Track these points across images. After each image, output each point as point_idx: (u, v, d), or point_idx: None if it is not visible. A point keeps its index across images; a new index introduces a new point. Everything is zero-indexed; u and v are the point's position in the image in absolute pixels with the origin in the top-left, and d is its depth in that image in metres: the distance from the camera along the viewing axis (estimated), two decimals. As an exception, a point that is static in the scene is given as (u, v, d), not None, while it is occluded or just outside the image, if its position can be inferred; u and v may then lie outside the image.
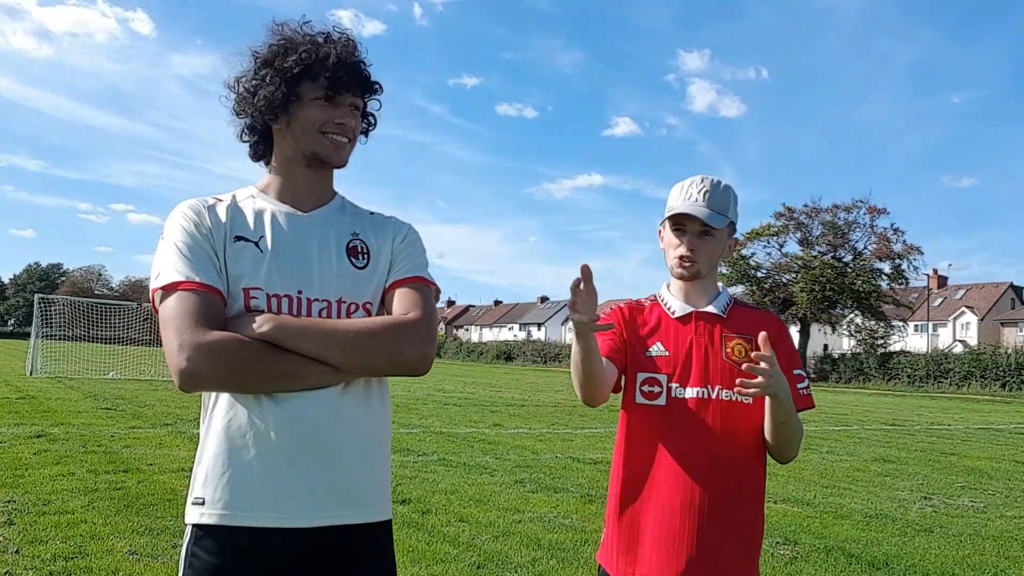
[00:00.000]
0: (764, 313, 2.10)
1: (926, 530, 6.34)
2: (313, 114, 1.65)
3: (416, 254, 1.76)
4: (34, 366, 21.43)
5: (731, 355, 1.95)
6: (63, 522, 5.23)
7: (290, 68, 1.63)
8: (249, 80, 1.68)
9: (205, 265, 1.56)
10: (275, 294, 1.59)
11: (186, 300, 1.52)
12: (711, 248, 2.00)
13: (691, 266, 1.98)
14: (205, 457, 1.58)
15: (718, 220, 1.95)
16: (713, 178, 2.00)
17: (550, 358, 63.20)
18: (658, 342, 1.98)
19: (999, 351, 41.01)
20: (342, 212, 1.76)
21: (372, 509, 1.64)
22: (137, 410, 12.80)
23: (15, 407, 12.34)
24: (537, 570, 4.75)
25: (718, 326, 1.99)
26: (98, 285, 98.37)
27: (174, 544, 4.85)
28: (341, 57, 1.64)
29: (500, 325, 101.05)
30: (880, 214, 48.35)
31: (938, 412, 22.67)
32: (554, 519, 6.06)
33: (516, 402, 18.89)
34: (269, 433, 1.54)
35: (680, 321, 2.00)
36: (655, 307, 2.06)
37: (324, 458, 1.56)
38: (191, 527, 1.58)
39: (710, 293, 2.04)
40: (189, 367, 1.47)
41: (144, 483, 6.66)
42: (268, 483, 1.54)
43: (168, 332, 1.51)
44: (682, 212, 1.95)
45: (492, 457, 9.15)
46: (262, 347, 1.51)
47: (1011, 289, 68.78)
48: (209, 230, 1.61)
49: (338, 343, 1.54)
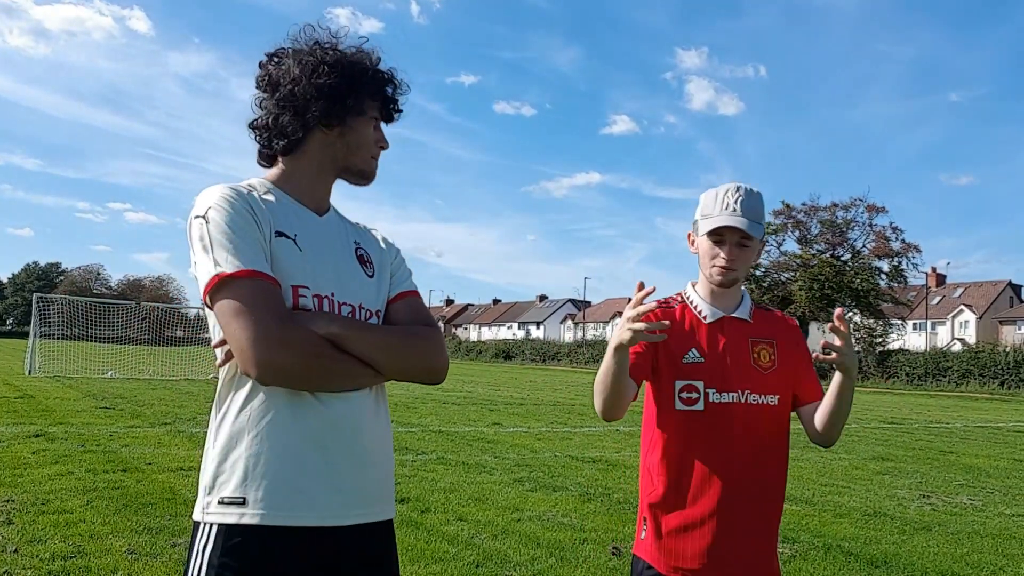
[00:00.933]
0: (784, 317, 2.18)
1: (925, 528, 6.35)
2: (370, 132, 1.70)
3: (407, 270, 1.84)
4: (33, 365, 21.41)
5: (758, 360, 2.05)
6: (62, 521, 5.23)
7: (366, 82, 1.66)
8: (314, 77, 1.61)
9: (262, 257, 1.53)
10: (318, 294, 1.59)
11: (263, 289, 1.48)
12: (748, 256, 2.07)
13: (731, 275, 2.04)
14: (241, 456, 1.52)
15: (758, 230, 2.01)
16: (746, 186, 2.06)
17: (549, 357, 63.16)
18: (693, 348, 2.04)
19: (997, 349, 41.03)
20: (341, 220, 1.79)
21: (388, 507, 1.69)
22: (136, 409, 12.80)
23: (14, 406, 12.33)
24: (536, 569, 4.76)
25: (746, 332, 2.07)
26: (96, 284, 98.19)
27: (173, 543, 4.84)
28: (397, 84, 1.72)
29: (499, 324, 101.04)
30: (879, 212, 48.37)
31: (936, 410, 22.69)
32: (553, 518, 6.06)
33: (515, 401, 18.89)
34: (314, 432, 1.54)
35: (712, 326, 2.07)
36: (685, 311, 2.11)
37: (358, 457, 1.59)
38: (219, 527, 1.51)
39: (736, 297, 2.12)
40: (272, 359, 1.45)
41: (143, 482, 6.65)
42: (310, 482, 1.53)
43: (243, 322, 1.45)
44: (724, 225, 2.00)
45: (491, 456, 9.15)
46: (331, 345, 1.53)
47: (1009, 287, 68.86)
48: (258, 221, 1.56)
49: (389, 348, 1.60)
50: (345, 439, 1.57)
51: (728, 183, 2.08)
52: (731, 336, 2.06)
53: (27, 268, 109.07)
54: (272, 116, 1.66)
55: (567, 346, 65.09)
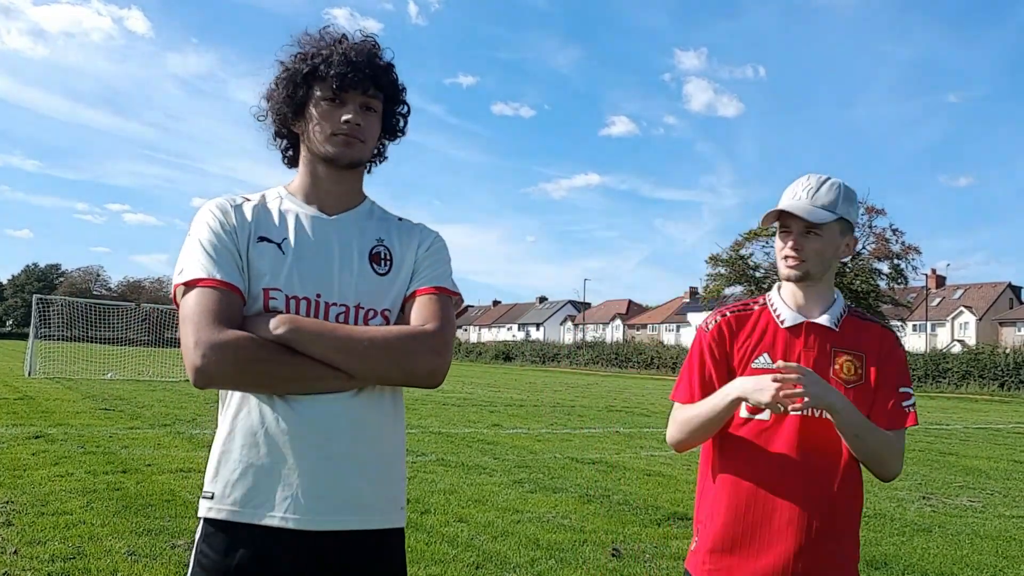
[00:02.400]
0: (879, 327, 1.98)
1: (924, 530, 6.35)
2: (321, 113, 1.65)
3: (439, 263, 1.75)
4: (32, 367, 21.39)
5: (839, 372, 1.89)
6: (61, 523, 5.22)
7: (300, 69, 1.64)
8: (279, 84, 1.69)
9: (227, 263, 1.57)
10: (294, 296, 1.59)
11: (206, 297, 1.53)
12: (818, 247, 1.90)
13: (798, 265, 1.89)
14: (217, 452, 1.59)
15: (820, 216, 1.86)
16: (822, 176, 1.93)
17: (549, 358, 63.14)
18: (765, 353, 1.91)
19: (997, 351, 41.03)
20: (369, 217, 1.75)
21: (379, 516, 1.62)
22: (135, 411, 12.79)
23: (13, 408, 12.33)
24: (536, 570, 4.75)
25: (829, 340, 1.91)
26: (96, 286, 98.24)
27: (172, 545, 4.84)
28: (349, 56, 1.62)
29: (499, 325, 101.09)
30: (878, 214, 48.34)
31: (936, 412, 22.68)
32: (553, 519, 6.06)
33: (515, 402, 18.88)
34: (278, 433, 1.54)
35: (790, 332, 1.92)
36: (764, 314, 1.98)
37: (331, 462, 1.56)
38: (201, 521, 1.59)
39: (825, 301, 1.95)
40: (203, 365, 1.48)
41: (143, 484, 6.65)
42: (275, 482, 1.54)
43: (186, 328, 1.52)
44: (781, 209, 1.89)
45: (491, 457, 9.15)
46: (276, 348, 1.51)
47: (1009, 289, 68.86)
48: (234, 228, 1.61)
49: (352, 350, 1.54)
50: (315, 442, 1.54)
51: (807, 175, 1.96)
52: (810, 344, 1.90)
53: (27, 269, 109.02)
54: (273, 130, 1.75)
55: (567, 347, 65.09)
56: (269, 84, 1.71)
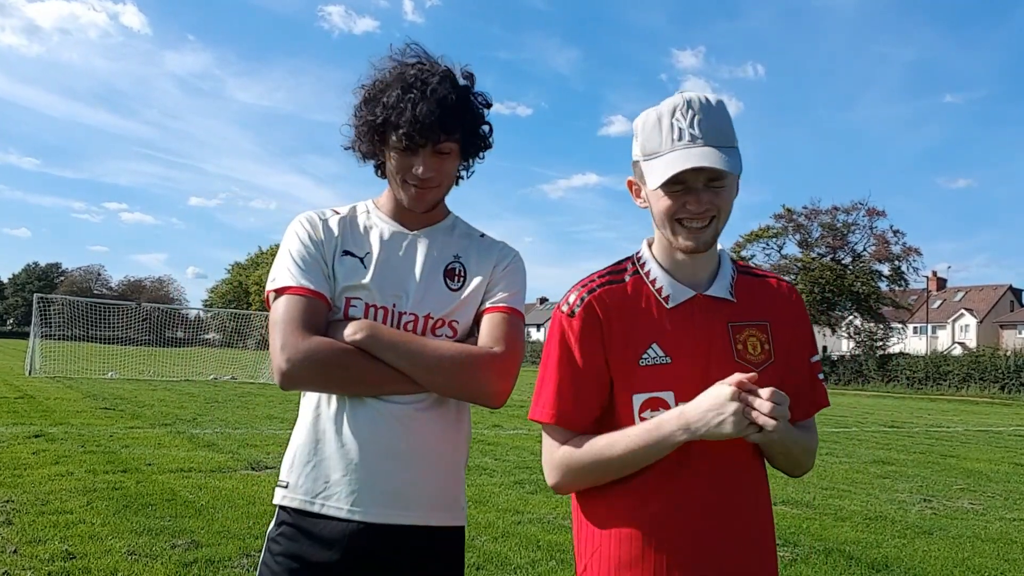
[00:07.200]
0: (773, 279, 1.60)
1: (925, 532, 6.34)
2: (394, 163, 1.71)
3: (514, 284, 1.81)
4: (33, 366, 21.42)
5: (744, 353, 1.48)
6: (62, 522, 5.22)
7: (376, 117, 1.68)
8: (359, 113, 1.74)
9: (314, 272, 1.69)
10: (372, 304, 1.70)
11: (293, 304, 1.65)
12: (724, 200, 1.44)
13: (705, 235, 1.44)
14: (294, 445, 1.71)
15: (734, 161, 1.39)
16: (699, 96, 1.41)
17: (549, 359, 63.05)
18: (654, 343, 1.46)
19: (998, 353, 41.04)
20: (450, 232, 1.83)
21: (440, 513, 1.71)
22: (136, 410, 12.80)
23: (14, 407, 12.33)
24: (536, 571, 4.75)
25: (726, 315, 1.50)
26: (97, 285, 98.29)
27: (173, 544, 4.84)
28: (417, 114, 1.61)
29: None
30: (879, 216, 48.40)
31: (937, 414, 22.68)
32: (553, 520, 6.06)
33: (515, 403, 18.83)
34: (350, 431, 1.65)
35: (679, 311, 1.48)
36: (640, 287, 1.51)
37: (398, 460, 1.65)
38: (277, 506, 1.71)
39: (710, 264, 1.53)
40: (288, 369, 1.59)
41: (143, 483, 6.65)
42: (344, 476, 1.64)
43: (274, 333, 1.63)
44: (685, 169, 1.37)
45: (491, 458, 9.15)
46: (354, 353, 1.62)
47: (1010, 291, 68.84)
48: (321, 241, 1.73)
49: (423, 363, 1.63)
50: (384, 440, 1.64)
51: (674, 96, 1.44)
52: (705, 323, 1.48)
53: (27, 268, 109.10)
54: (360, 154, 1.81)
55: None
56: (352, 111, 1.76)
